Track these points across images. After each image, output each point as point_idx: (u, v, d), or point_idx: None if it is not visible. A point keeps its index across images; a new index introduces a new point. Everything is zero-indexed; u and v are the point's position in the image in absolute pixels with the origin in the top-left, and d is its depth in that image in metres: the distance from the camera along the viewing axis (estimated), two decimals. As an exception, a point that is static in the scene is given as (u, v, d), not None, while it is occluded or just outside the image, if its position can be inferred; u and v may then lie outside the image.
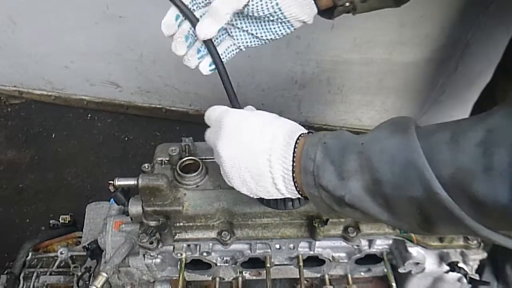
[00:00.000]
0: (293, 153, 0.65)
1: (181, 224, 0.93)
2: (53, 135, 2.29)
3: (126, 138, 2.26)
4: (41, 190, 2.11)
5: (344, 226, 0.92)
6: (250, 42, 0.82)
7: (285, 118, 0.71)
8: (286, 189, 0.68)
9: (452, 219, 0.52)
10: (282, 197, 0.71)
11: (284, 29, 0.79)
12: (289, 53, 1.66)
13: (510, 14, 1.19)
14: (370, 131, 0.62)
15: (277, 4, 0.74)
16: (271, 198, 0.72)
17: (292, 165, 0.65)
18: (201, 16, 0.76)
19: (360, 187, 0.58)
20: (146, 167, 1.02)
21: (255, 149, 0.67)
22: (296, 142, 0.66)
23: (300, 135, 0.68)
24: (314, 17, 0.80)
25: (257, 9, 0.75)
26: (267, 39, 0.81)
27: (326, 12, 0.83)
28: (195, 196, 0.94)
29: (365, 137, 0.61)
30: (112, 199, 1.07)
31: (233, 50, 0.84)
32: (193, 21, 0.76)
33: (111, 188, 0.96)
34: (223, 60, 0.81)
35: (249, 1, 0.73)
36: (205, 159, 1.03)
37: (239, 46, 0.83)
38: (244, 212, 0.92)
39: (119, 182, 0.91)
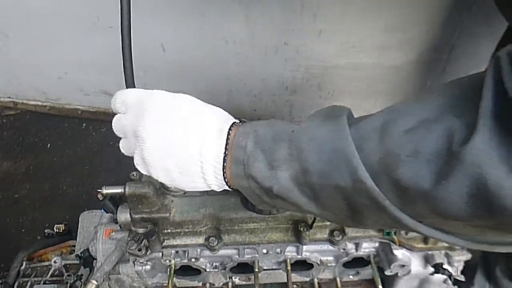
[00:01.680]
0: (226, 142, 0.60)
1: (169, 230, 0.95)
2: (48, 145, 2.30)
3: (121, 147, 2.27)
4: (37, 199, 2.11)
5: (329, 230, 0.94)
6: None
7: (214, 106, 0.66)
8: (215, 180, 0.62)
9: (378, 209, 0.51)
10: (207, 189, 0.65)
11: None
12: (278, 59, 1.68)
13: (491, 14, 1.21)
14: (308, 118, 0.60)
15: None
16: (193, 190, 0.65)
17: (224, 154, 0.60)
18: None
19: (288, 177, 0.56)
20: (134, 175, 1.03)
21: (186, 137, 0.60)
22: (229, 131, 0.61)
23: (233, 124, 0.63)
24: None
25: None
26: None
27: None
28: (182, 203, 0.96)
29: (296, 125, 0.59)
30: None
31: None
32: None
33: (100, 196, 0.97)
34: None
35: None
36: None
37: None
38: (230, 218, 0.93)
39: (107, 190, 0.92)
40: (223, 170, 0.60)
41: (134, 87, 0.77)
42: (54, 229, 1.61)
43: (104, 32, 1.69)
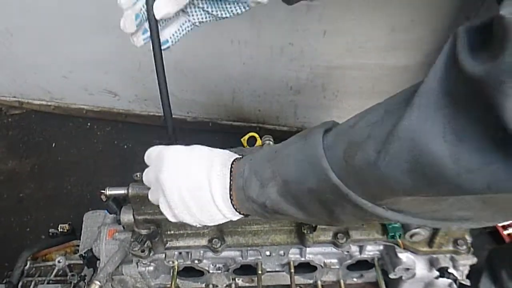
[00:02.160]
0: (230, 173, 0.68)
1: (172, 232, 0.94)
2: (53, 144, 2.30)
3: (125, 146, 2.27)
4: (41, 199, 2.12)
5: (333, 232, 0.93)
6: (205, 18, 0.81)
7: (220, 149, 0.74)
8: (226, 209, 0.68)
9: (344, 201, 0.55)
10: (225, 220, 0.71)
11: (240, 8, 0.78)
12: (283, 59, 1.67)
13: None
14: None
15: None
16: (215, 223, 0.71)
17: (230, 183, 0.67)
18: None
19: (275, 192, 0.62)
20: (138, 176, 1.03)
21: (196, 174, 0.68)
22: (232, 164, 0.69)
23: (235, 159, 0.70)
24: None
25: None
26: (222, 17, 0.80)
27: None
28: (185, 204, 0.95)
29: (275, 147, 0.65)
30: (107, 208, 1.09)
31: (188, 27, 0.83)
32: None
33: (103, 197, 0.97)
34: (178, 36, 0.81)
35: None
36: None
37: (194, 23, 0.82)
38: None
39: (110, 191, 0.92)
40: (230, 199, 0.67)
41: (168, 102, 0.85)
42: (58, 228, 1.62)
43: (110, 31, 1.69)
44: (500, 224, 1.73)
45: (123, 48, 1.77)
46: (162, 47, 0.80)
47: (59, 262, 1.38)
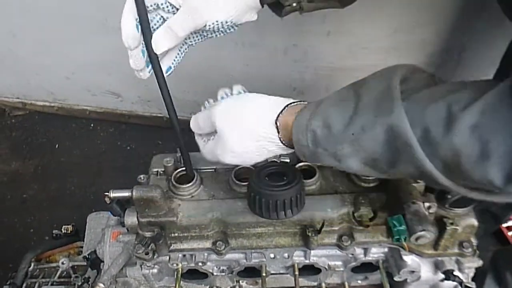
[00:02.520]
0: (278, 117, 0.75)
1: (176, 234, 0.94)
2: (57, 145, 2.31)
3: (128, 148, 2.27)
4: (45, 200, 2.13)
5: (338, 235, 0.93)
6: (200, 40, 0.84)
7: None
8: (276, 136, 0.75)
9: (427, 179, 0.62)
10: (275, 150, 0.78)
11: (231, 29, 0.82)
12: (286, 61, 1.67)
13: (503, 15, 1.19)
14: (358, 101, 0.66)
15: (232, 21, 0.77)
16: (262, 157, 0.79)
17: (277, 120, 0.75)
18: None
19: (357, 164, 0.68)
20: (142, 178, 1.04)
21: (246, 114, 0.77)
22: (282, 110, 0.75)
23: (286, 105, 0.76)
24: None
25: (215, 29, 0.77)
26: (216, 36, 0.83)
27: (275, 11, 0.87)
28: (190, 207, 0.95)
29: (354, 126, 0.65)
30: (111, 210, 1.08)
31: (186, 49, 0.86)
32: (147, 37, 0.75)
33: (107, 200, 0.97)
34: (179, 60, 0.85)
35: (206, 24, 0.75)
36: (200, 169, 1.04)
37: (191, 44, 0.85)
38: (237, 222, 0.93)
39: (114, 194, 0.92)
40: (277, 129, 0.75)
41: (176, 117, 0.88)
42: (62, 229, 1.62)
43: (112, 32, 1.69)
44: (504, 225, 1.72)
45: (125, 49, 1.77)
46: (166, 74, 0.83)
47: (62, 263, 1.38)
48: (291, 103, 0.77)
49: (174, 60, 0.84)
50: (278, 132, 0.75)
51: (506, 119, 0.52)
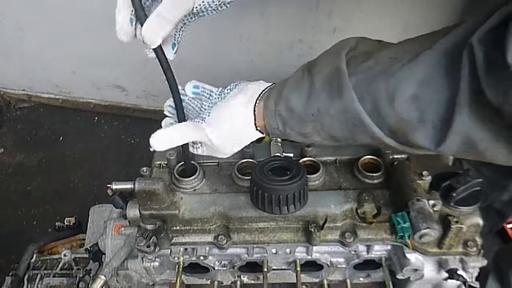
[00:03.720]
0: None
1: (178, 228, 0.94)
2: (61, 138, 2.31)
3: (132, 141, 2.27)
4: (48, 192, 2.13)
5: (341, 231, 0.92)
6: (194, 19, 0.83)
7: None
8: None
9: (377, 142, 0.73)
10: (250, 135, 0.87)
11: (223, 7, 0.81)
12: (292, 56, 1.66)
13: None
14: (312, 83, 0.74)
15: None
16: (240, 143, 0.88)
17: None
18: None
19: (320, 140, 0.79)
20: (145, 170, 1.03)
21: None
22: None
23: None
24: None
25: (203, 9, 0.77)
26: (208, 16, 0.82)
27: None
28: (192, 200, 0.95)
29: (312, 108, 0.74)
30: (113, 203, 1.08)
31: (182, 27, 0.84)
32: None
33: (109, 192, 0.97)
34: (179, 38, 0.85)
35: (194, 6, 0.75)
36: (203, 163, 1.03)
37: (185, 24, 0.84)
38: (240, 216, 0.92)
39: (116, 186, 0.92)
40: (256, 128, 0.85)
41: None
42: (65, 222, 1.62)
43: (118, 26, 1.69)
44: (509, 226, 1.71)
45: (131, 44, 1.77)
46: (174, 50, 0.84)
47: (65, 255, 1.38)
48: (260, 94, 0.85)
49: (175, 38, 0.84)
50: (255, 125, 0.85)
51: (439, 91, 0.61)
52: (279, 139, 1.03)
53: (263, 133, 0.86)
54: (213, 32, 1.61)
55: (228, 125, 0.85)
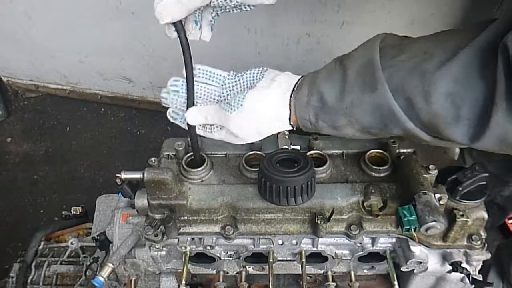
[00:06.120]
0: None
1: (186, 217, 0.95)
2: (68, 128, 2.33)
3: (138, 133, 2.29)
4: (55, 181, 2.15)
5: (347, 224, 0.93)
6: (223, 11, 0.85)
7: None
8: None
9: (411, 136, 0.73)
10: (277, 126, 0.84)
11: (246, 8, 0.84)
12: (299, 50, 1.67)
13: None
14: (345, 76, 0.74)
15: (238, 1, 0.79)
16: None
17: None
18: None
19: (353, 132, 0.79)
20: (153, 161, 1.04)
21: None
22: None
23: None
24: None
25: (220, 5, 0.79)
26: (234, 12, 0.85)
27: None
28: (200, 191, 0.96)
29: (345, 101, 0.75)
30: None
31: (213, 13, 0.87)
32: None
33: (118, 181, 0.98)
34: (213, 22, 0.88)
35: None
36: (211, 154, 1.04)
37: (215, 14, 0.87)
38: (247, 207, 0.93)
39: (126, 175, 0.93)
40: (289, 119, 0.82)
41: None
42: (71, 211, 1.64)
43: (126, 17, 1.70)
44: (510, 222, 1.72)
45: (138, 35, 1.77)
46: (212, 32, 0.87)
47: (72, 243, 1.40)
48: (294, 85, 0.82)
49: (211, 22, 0.88)
50: (290, 118, 0.83)
51: (475, 89, 0.62)
52: (286, 132, 1.04)
53: (293, 127, 0.84)
54: (221, 22, 1.62)
55: (260, 116, 0.82)
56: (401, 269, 0.97)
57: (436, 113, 0.66)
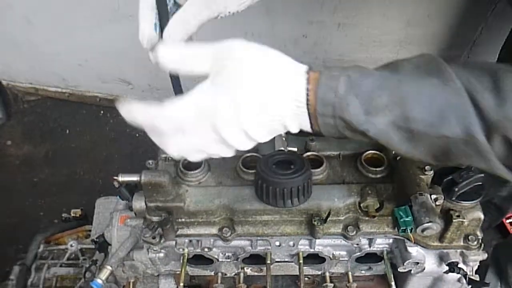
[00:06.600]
0: (307, 82, 0.61)
1: (183, 220, 0.95)
2: (67, 131, 2.34)
3: (137, 135, 2.29)
4: (55, 184, 2.16)
5: (344, 225, 0.93)
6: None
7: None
8: (294, 116, 0.63)
9: (479, 158, 0.58)
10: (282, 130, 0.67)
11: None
12: (296, 52, 1.67)
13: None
14: (397, 67, 0.61)
15: (244, 6, 0.74)
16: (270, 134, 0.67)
17: (307, 91, 0.61)
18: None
19: (387, 122, 0.59)
20: (151, 163, 1.04)
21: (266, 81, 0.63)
22: (308, 71, 0.63)
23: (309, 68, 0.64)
24: None
25: (226, 15, 0.74)
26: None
27: None
28: (197, 193, 0.96)
29: (399, 75, 0.59)
30: (119, 194, 1.10)
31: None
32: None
33: (116, 183, 0.98)
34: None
35: (219, 15, 0.73)
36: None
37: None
38: (244, 209, 0.93)
39: (123, 178, 0.93)
40: (307, 105, 0.61)
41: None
42: (71, 213, 1.64)
43: (124, 20, 1.71)
44: (507, 221, 1.72)
45: (137, 38, 1.77)
46: None
47: (71, 246, 1.40)
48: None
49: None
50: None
51: None
52: (283, 133, 1.04)
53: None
54: (218, 25, 1.62)
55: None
56: (398, 269, 0.97)
57: (508, 116, 0.55)
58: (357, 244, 0.98)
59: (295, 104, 0.62)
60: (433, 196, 0.86)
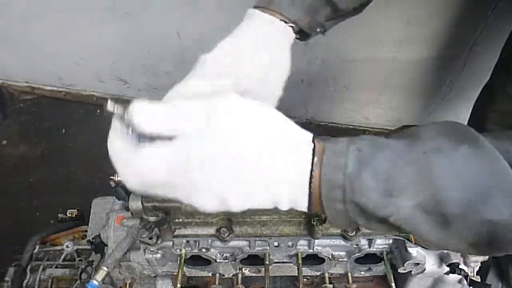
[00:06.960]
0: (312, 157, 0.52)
1: (181, 220, 0.94)
2: (64, 130, 2.32)
3: (134, 134, 2.28)
4: (51, 184, 2.14)
5: (343, 225, 0.92)
6: None
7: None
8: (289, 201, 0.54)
9: None
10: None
11: None
12: (295, 51, 1.66)
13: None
14: (416, 135, 0.51)
15: None
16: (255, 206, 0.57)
17: (311, 169, 0.51)
18: None
19: (412, 207, 0.48)
20: (147, 163, 1.03)
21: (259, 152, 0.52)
22: (313, 142, 0.53)
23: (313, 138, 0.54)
24: None
25: None
26: None
27: (302, 39, 0.88)
28: (195, 193, 0.95)
29: (423, 146, 0.50)
30: (115, 194, 1.08)
31: None
32: None
33: (112, 183, 0.97)
34: None
35: None
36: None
37: None
38: (242, 209, 0.92)
39: (119, 177, 0.92)
40: (309, 189, 0.51)
41: None
42: (67, 214, 1.63)
43: (120, 18, 1.69)
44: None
45: (133, 36, 1.77)
46: None
47: (67, 247, 1.39)
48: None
49: None
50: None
51: None
52: None
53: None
54: (215, 22, 1.61)
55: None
56: (398, 270, 0.97)
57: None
58: (357, 245, 0.97)
59: (294, 183, 0.52)
60: (434, 196, 0.85)
